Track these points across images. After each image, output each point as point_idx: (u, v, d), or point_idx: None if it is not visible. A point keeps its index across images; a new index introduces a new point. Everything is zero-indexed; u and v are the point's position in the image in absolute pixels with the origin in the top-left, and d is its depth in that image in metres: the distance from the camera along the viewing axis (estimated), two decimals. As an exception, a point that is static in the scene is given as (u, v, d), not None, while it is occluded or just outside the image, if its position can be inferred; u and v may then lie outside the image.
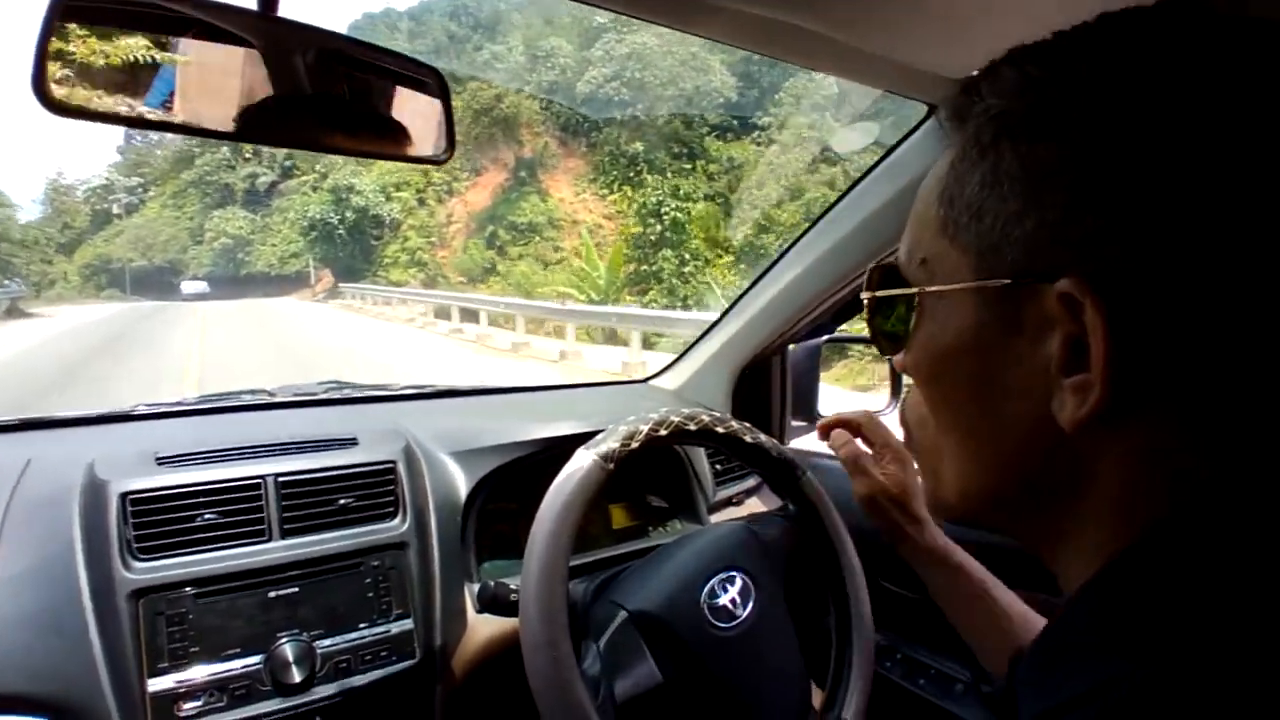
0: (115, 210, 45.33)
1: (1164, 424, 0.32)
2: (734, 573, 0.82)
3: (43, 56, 0.54)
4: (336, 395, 1.28)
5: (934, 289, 0.38)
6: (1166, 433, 0.32)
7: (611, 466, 0.77)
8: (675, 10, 0.72)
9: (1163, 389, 0.31)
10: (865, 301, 0.45)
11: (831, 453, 0.90)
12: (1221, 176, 0.29)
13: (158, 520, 0.81)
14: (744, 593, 0.81)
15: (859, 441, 0.79)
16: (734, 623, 0.79)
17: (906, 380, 0.46)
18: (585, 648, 0.77)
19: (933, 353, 0.39)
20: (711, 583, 0.80)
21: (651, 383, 1.52)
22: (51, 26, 0.55)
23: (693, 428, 0.83)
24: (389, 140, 0.70)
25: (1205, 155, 0.29)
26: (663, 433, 0.81)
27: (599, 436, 0.79)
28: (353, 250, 33.34)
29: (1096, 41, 0.33)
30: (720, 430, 0.86)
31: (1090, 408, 0.31)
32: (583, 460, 0.76)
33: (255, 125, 0.65)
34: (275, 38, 0.62)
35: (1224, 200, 0.29)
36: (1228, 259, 0.29)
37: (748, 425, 0.88)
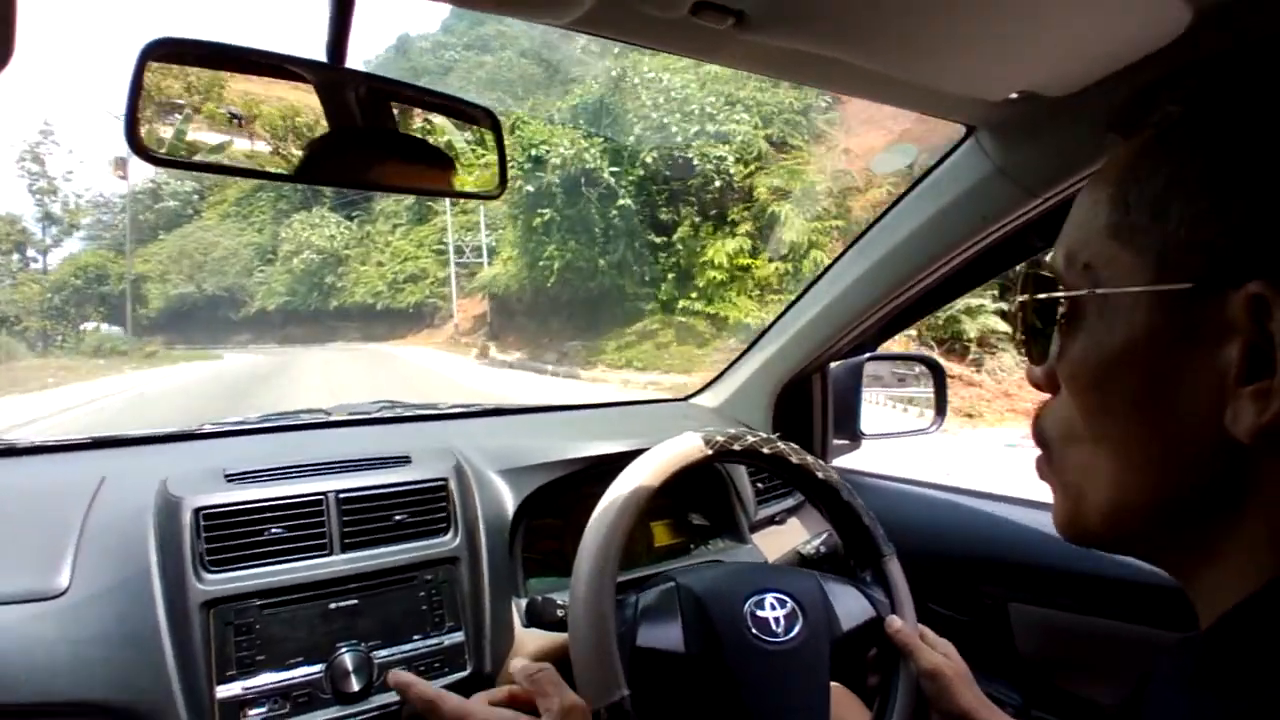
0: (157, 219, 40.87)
1: None
2: (788, 599, 0.83)
3: (134, 109, 0.59)
4: (389, 414, 1.32)
5: (1104, 291, 0.37)
6: None
7: (648, 495, 0.81)
8: (711, 45, 0.74)
9: None
10: (1018, 306, 0.43)
11: (878, 471, 0.91)
12: None
13: (227, 534, 0.86)
14: (790, 618, 0.82)
15: None
16: (771, 638, 0.81)
17: (1044, 394, 0.44)
18: (628, 596, 0.83)
19: (1095, 360, 0.38)
20: (764, 596, 0.83)
21: (692, 400, 1.54)
22: (140, 82, 0.60)
23: (765, 451, 0.88)
24: (443, 177, 0.74)
25: None
26: (736, 447, 0.86)
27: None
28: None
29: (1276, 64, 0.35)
30: (843, 497, 0.90)
31: (1273, 414, 0.31)
32: (689, 444, 0.84)
33: (315, 166, 0.70)
34: (337, 86, 0.67)
35: None
36: None
37: (843, 481, 0.91)
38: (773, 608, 0.82)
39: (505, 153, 0.73)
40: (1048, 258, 0.42)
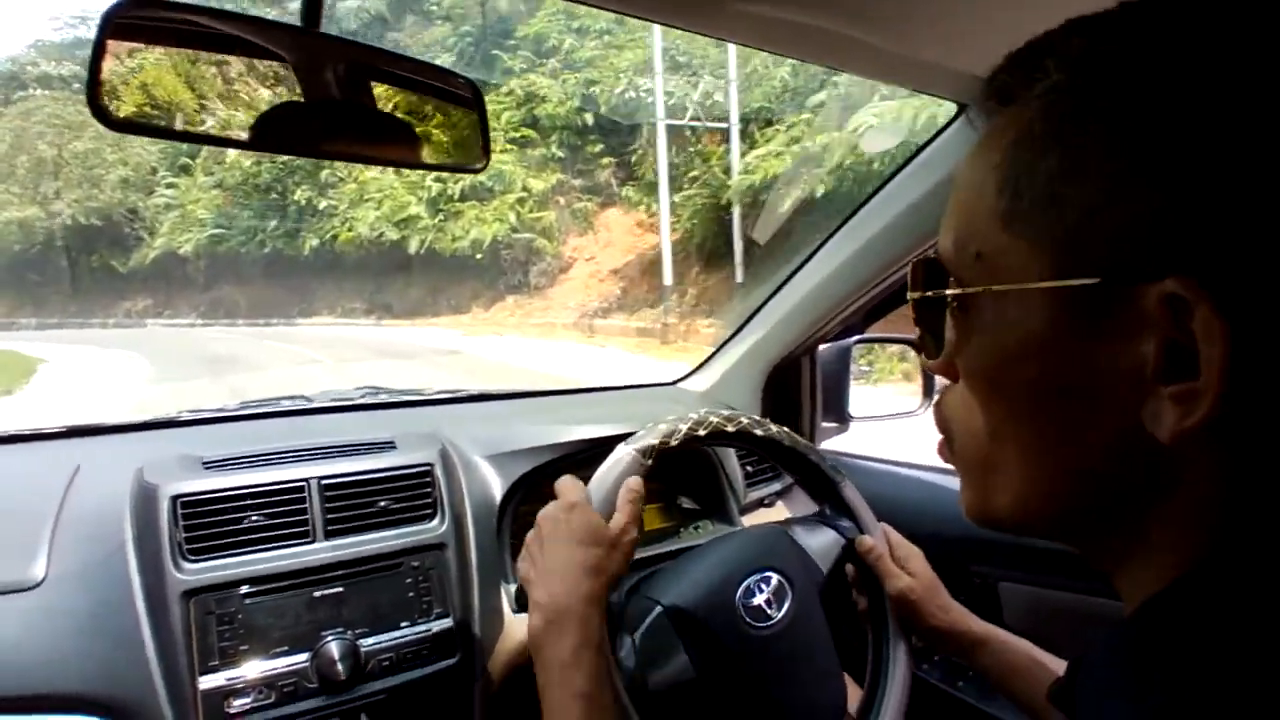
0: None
1: (1260, 439, 0.29)
2: (770, 573, 0.82)
3: (96, 73, 0.56)
4: (372, 400, 1.30)
5: (1001, 288, 0.34)
6: (1260, 450, 0.30)
7: (650, 463, 0.78)
8: (700, 14, 0.72)
9: (1265, 403, 0.29)
10: (911, 301, 0.40)
11: (865, 453, 0.90)
12: None
13: (206, 522, 0.84)
14: (779, 593, 0.81)
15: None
16: (769, 623, 0.79)
17: (939, 380, 0.43)
18: (620, 640, 0.78)
19: (995, 356, 0.35)
20: (747, 582, 0.80)
21: (680, 384, 1.53)
22: (103, 45, 0.58)
23: (731, 429, 0.84)
24: (424, 150, 0.72)
25: None
26: (701, 432, 0.81)
27: (638, 434, 0.79)
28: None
29: (1187, 9, 0.30)
30: (759, 434, 0.86)
31: (1199, 418, 0.28)
32: (622, 455, 0.77)
33: (291, 137, 0.68)
34: (312, 53, 0.64)
35: None
36: None
37: (787, 430, 0.89)
38: (760, 590, 0.80)
39: (488, 124, 0.71)
40: (937, 244, 0.38)
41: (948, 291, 0.37)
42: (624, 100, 13.94)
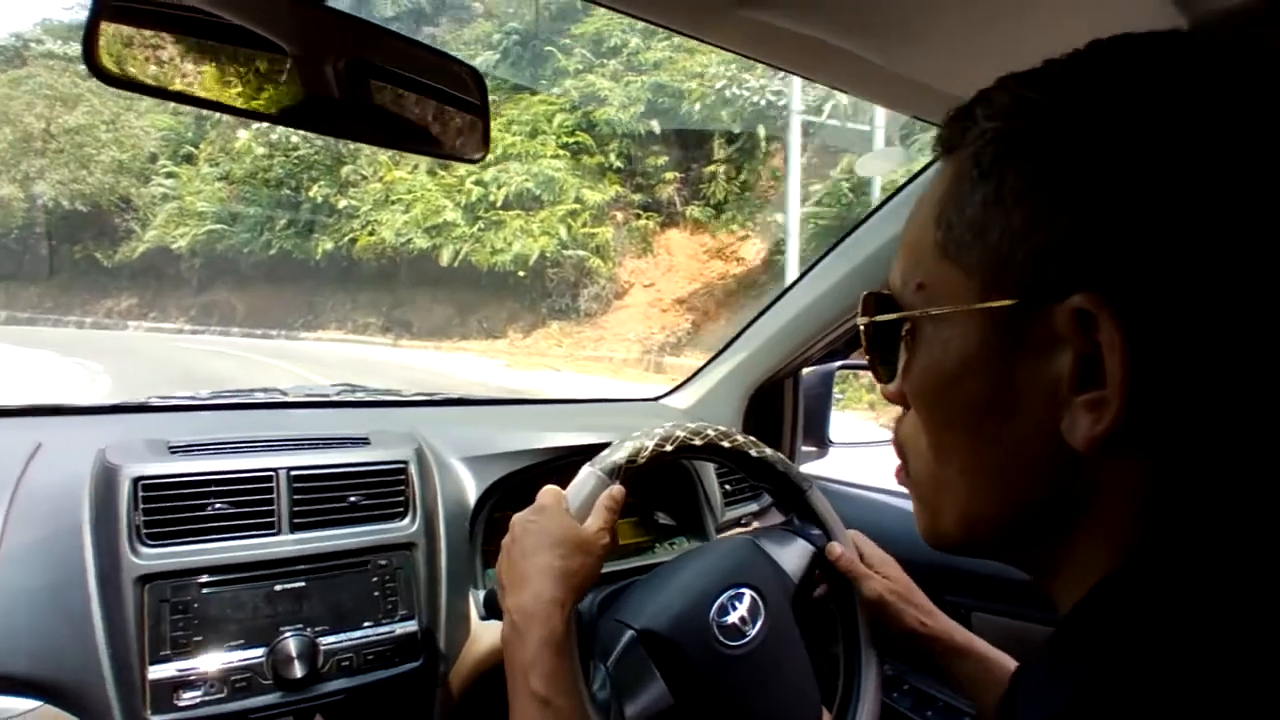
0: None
1: (1169, 446, 0.32)
2: (742, 589, 0.80)
3: (94, 28, 0.55)
4: (349, 398, 1.28)
5: (935, 312, 0.38)
6: (1170, 455, 0.32)
7: (616, 482, 0.75)
8: (705, 20, 0.71)
9: (1171, 408, 0.31)
10: (862, 329, 0.44)
11: (841, 478, 0.89)
12: (1223, 189, 0.30)
13: (168, 507, 0.81)
14: (753, 610, 0.80)
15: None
16: (743, 641, 0.77)
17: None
18: (594, 669, 0.75)
19: (934, 378, 0.39)
20: (720, 600, 0.79)
21: (662, 401, 1.52)
22: (96, 26, 0.56)
23: (698, 442, 0.82)
24: (424, 137, 0.71)
25: (1202, 170, 0.30)
26: (668, 448, 0.79)
27: (605, 452, 0.77)
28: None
29: (1094, 63, 0.34)
30: (726, 445, 0.84)
31: (1106, 425, 0.31)
32: (586, 476, 0.75)
33: (294, 110, 0.66)
34: (311, 34, 0.63)
35: (1229, 212, 0.30)
36: (1235, 269, 0.30)
37: (754, 440, 0.87)
38: (734, 608, 0.79)
39: (489, 114, 0.70)
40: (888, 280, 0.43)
41: (892, 316, 0.41)
42: (719, 99, 12.01)
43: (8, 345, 13.13)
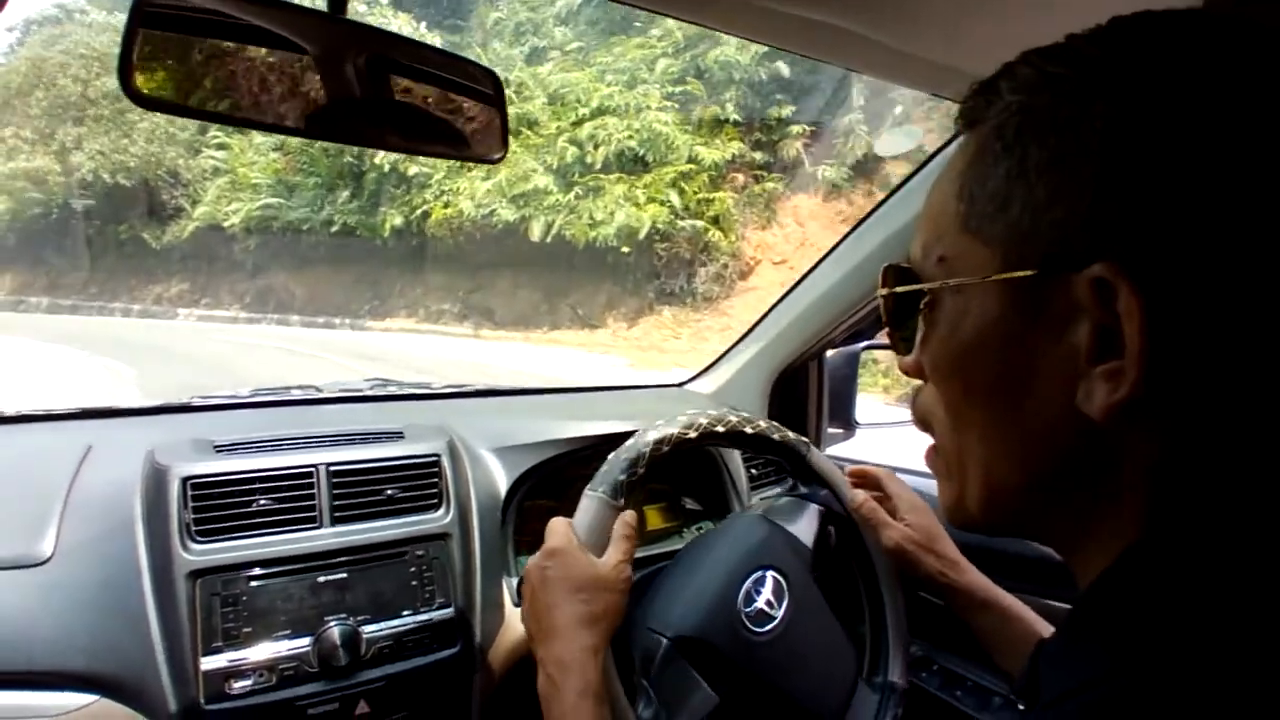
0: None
1: (1185, 416, 0.32)
2: (763, 572, 0.82)
3: (128, 54, 0.57)
4: (382, 392, 1.31)
5: (956, 283, 0.38)
6: (1187, 426, 0.32)
7: (622, 501, 0.75)
8: (707, 7, 0.71)
9: (1189, 379, 0.32)
10: (882, 300, 0.45)
11: (867, 459, 0.89)
12: (1244, 165, 0.30)
13: (215, 504, 0.84)
14: (776, 591, 0.81)
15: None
16: (772, 625, 0.79)
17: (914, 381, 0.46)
18: (637, 689, 0.76)
19: (953, 349, 0.39)
20: (745, 588, 0.80)
21: (687, 387, 1.53)
22: (135, 30, 0.58)
23: (693, 435, 0.81)
24: (444, 140, 0.72)
25: (1225, 144, 0.30)
26: (666, 449, 0.78)
27: (601, 470, 0.77)
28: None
29: (1118, 39, 0.35)
30: (720, 429, 0.84)
31: (1124, 394, 0.32)
32: (590, 504, 0.74)
33: (314, 122, 0.68)
34: (335, 42, 0.65)
35: (1250, 186, 0.30)
36: (1254, 242, 0.30)
37: (748, 416, 0.87)
38: (758, 594, 0.80)
39: (507, 114, 0.71)
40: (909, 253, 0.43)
41: (915, 287, 0.41)
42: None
43: (27, 339, 11.63)
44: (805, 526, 0.88)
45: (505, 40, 14.01)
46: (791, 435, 0.89)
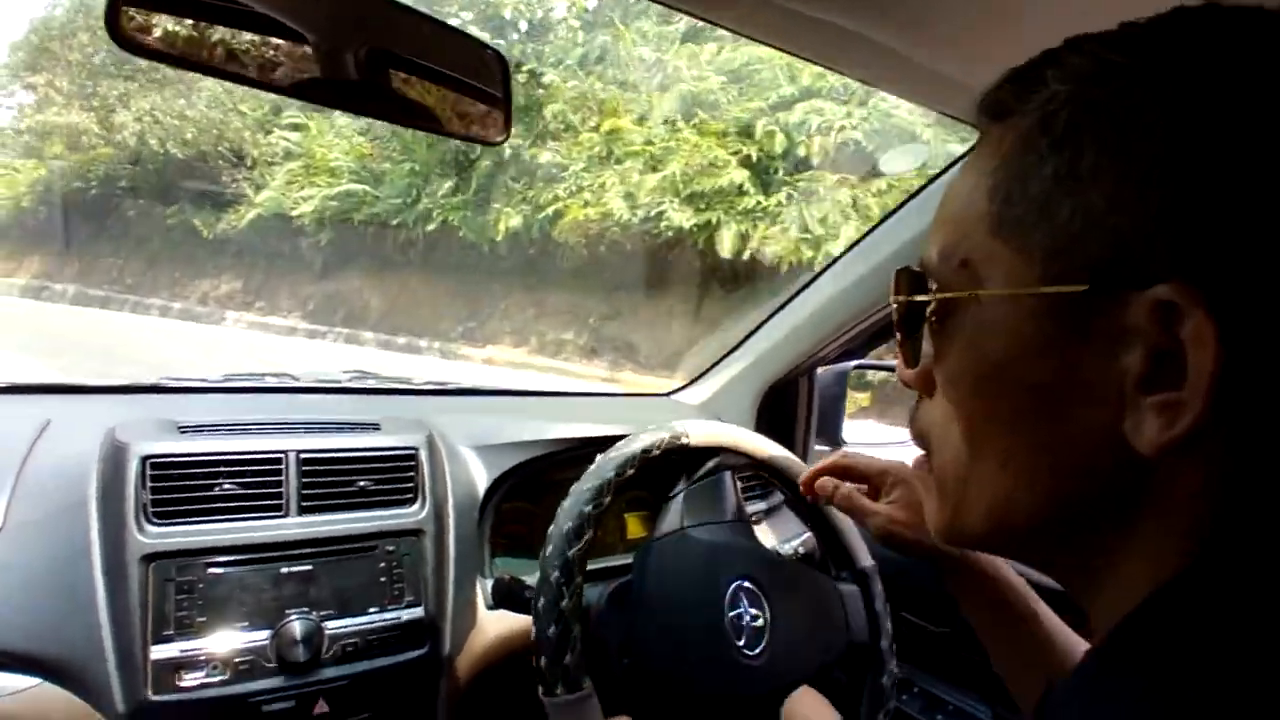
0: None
1: (1241, 449, 0.29)
2: (746, 582, 0.81)
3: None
4: (360, 384, 1.27)
5: (984, 293, 0.34)
6: (1241, 459, 0.29)
7: (632, 472, 0.76)
8: (719, 6, 0.70)
9: (1251, 410, 0.28)
10: (895, 308, 0.40)
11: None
12: None
13: (176, 486, 0.80)
14: (753, 599, 0.80)
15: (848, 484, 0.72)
16: (757, 647, 0.79)
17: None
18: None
19: (978, 367, 0.35)
20: (728, 595, 0.79)
21: (675, 397, 1.50)
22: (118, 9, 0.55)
23: (632, 472, 0.79)
24: (447, 117, 0.70)
25: None
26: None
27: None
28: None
29: (1186, 29, 0.31)
30: (657, 454, 0.82)
31: (1183, 429, 0.28)
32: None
33: (310, 83, 0.65)
34: (333, 17, 0.62)
35: None
36: None
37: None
38: (743, 603, 0.80)
39: (512, 96, 0.69)
40: (922, 255, 0.38)
41: (938, 296, 0.37)
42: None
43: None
44: (729, 494, 0.88)
45: (652, 20, 10.34)
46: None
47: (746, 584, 0.80)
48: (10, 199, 13.82)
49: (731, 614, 0.78)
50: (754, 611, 0.79)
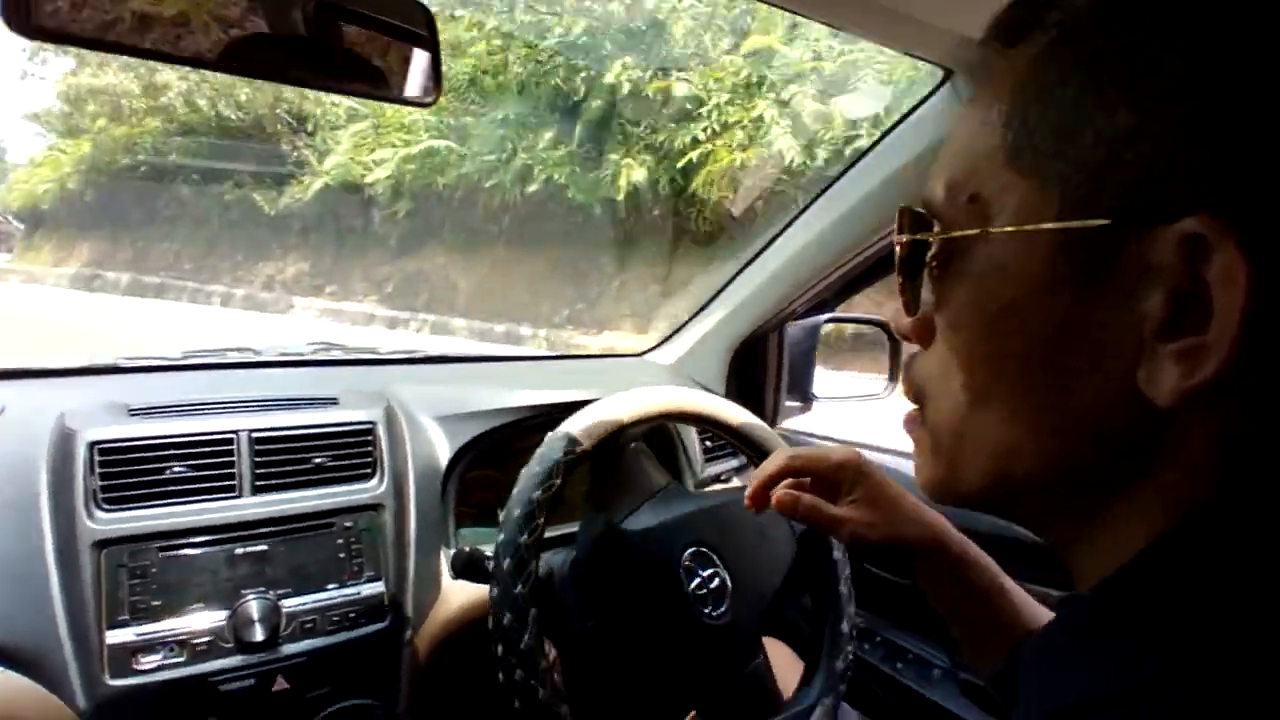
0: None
1: (1261, 397, 0.27)
2: (701, 549, 0.81)
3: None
4: (323, 356, 1.25)
5: (998, 230, 0.31)
6: (1260, 407, 0.27)
7: (588, 446, 0.76)
8: None
9: (1267, 356, 0.26)
10: (897, 248, 0.37)
11: (821, 432, 0.84)
12: None
13: (125, 471, 0.79)
14: (704, 561, 0.81)
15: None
16: (713, 608, 0.79)
17: (909, 347, 0.39)
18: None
19: (984, 309, 0.32)
20: (683, 561, 0.79)
21: (646, 357, 1.49)
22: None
23: (588, 445, 0.78)
24: (375, 80, 0.66)
25: None
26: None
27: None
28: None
29: None
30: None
31: (1205, 377, 0.26)
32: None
33: (235, 57, 0.62)
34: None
35: None
36: None
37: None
38: (700, 568, 0.80)
39: (440, 54, 0.65)
40: (925, 193, 0.35)
41: (939, 236, 0.34)
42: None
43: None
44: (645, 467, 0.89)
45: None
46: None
47: (702, 549, 0.80)
48: (55, 180, 12.65)
49: (692, 584, 0.79)
50: (708, 572, 0.79)
